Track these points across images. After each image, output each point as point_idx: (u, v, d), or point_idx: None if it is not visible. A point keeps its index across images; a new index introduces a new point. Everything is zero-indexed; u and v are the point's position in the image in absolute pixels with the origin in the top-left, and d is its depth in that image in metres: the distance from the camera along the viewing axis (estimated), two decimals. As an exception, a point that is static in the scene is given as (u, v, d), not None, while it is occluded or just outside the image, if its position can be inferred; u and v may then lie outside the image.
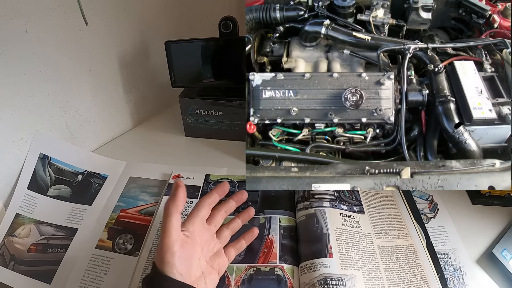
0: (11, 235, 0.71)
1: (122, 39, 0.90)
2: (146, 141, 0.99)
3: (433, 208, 0.75)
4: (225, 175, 0.82)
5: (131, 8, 0.89)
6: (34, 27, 0.71)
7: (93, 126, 0.92)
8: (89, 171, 0.84)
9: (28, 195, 0.76)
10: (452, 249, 0.67)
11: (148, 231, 0.70)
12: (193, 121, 0.96)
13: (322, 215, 0.68)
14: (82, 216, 0.75)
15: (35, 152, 0.80)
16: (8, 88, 0.71)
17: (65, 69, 0.80)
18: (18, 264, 0.66)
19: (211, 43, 0.86)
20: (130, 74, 0.96)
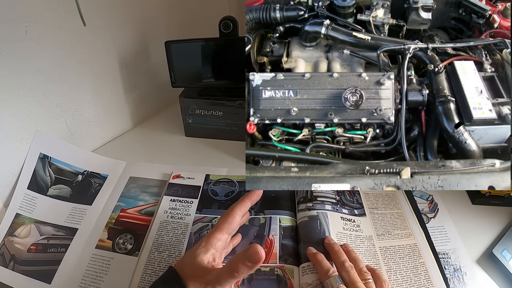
0: (11, 235, 0.71)
1: (122, 39, 0.90)
2: (146, 141, 0.99)
3: (433, 208, 0.75)
4: (225, 175, 0.82)
5: (131, 8, 0.89)
6: (34, 27, 0.71)
7: (93, 126, 0.92)
8: (89, 171, 0.84)
9: (28, 195, 0.76)
10: (452, 249, 0.67)
11: (148, 231, 0.70)
12: (193, 121, 0.96)
13: (324, 218, 0.68)
14: (82, 216, 0.75)
15: (35, 152, 0.80)
16: (8, 88, 0.71)
17: (65, 69, 0.80)
18: (18, 264, 0.66)
19: (211, 43, 0.86)
20: (130, 74, 0.96)
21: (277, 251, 0.65)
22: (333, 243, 0.62)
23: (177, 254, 0.66)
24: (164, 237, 0.69)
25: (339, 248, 0.60)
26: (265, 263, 0.63)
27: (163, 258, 0.65)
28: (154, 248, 0.67)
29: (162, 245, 0.67)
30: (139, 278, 0.63)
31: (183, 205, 0.75)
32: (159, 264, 0.64)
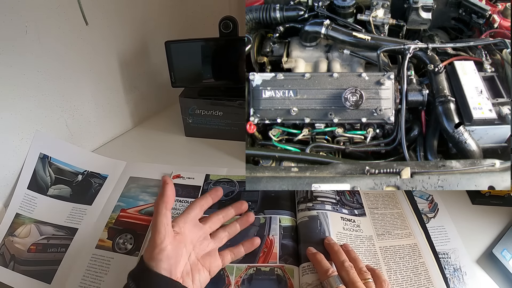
0: (11, 235, 0.71)
1: (122, 39, 0.90)
2: (146, 141, 0.99)
3: (433, 208, 0.75)
4: (225, 175, 0.82)
5: (131, 8, 0.89)
6: (34, 27, 0.71)
7: (93, 126, 0.92)
8: (89, 171, 0.84)
9: (28, 195, 0.76)
10: (452, 249, 0.67)
11: (148, 231, 0.70)
12: (193, 121, 0.96)
13: (325, 218, 0.68)
14: (82, 216, 0.75)
15: (35, 152, 0.80)
16: (8, 88, 0.71)
17: (65, 69, 0.80)
18: (18, 264, 0.66)
19: (211, 43, 0.86)
20: (130, 74, 0.96)
21: (277, 251, 0.65)
22: (333, 243, 0.62)
23: (177, 254, 0.66)
24: (164, 237, 0.69)
25: (338, 248, 0.60)
26: (265, 263, 0.64)
27: (163, 258, 0.65)
28: (154, 248, 0.67)
29: (162, 245, 0.67)
30: (139, 278, 0.63)
31: (183, 205, 0.75)
32: (159, 264, 0.64)
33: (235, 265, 0.64)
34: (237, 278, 0.62)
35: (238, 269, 0.63)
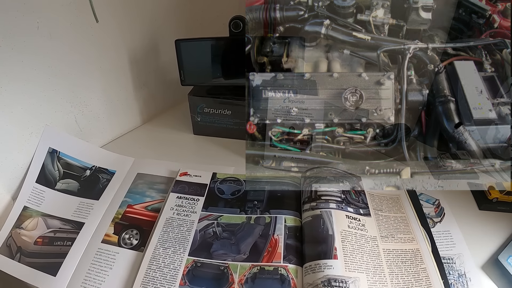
0: (18, 227, 0.71)
1: (132, 36, 0.91)
2: (154, 138, 1.00)
3: (440, 212, 0.75)
4: (232, 173, 0.82)
5: (142, 6, 0.90)
6: (46, 23, 0.71)
7: (102, 122, 0.93)
8: (97, 166, 0.85)
9: (36, 189, 0.77)
10: (457, 254, 0.67)
11: (154, 227, 0.71)
12: (201, 119, 0.96)
13: (328, 217, 0.68)
14: (89, 211, 0.76)
15: (44, 147, 0.81)
16: (19, 83, 0.72)
17: (75, 65, 0.80)
18: (24, 256, 0.67)
19: (221, 42, 0.87)
20: (140, 71, 0.96)
21: (282, 250, 0.65)
22: None
23: (182, 250, 0.66)
24: (170, 233, 0.69)
25: None
26: (269, 262, 0.64)
27: (168, 254, 0.66)
28: (160, 244, 0.67)
29: (168, 242, 0.68)
30: (143, 273, 0.63)
31: (189, 203, 0.75)
32: (163, 260, 0.65)
33: (239, 264, 0.64)
34: (241, 276, 0.62)
35: (242, 267, 0.63)
